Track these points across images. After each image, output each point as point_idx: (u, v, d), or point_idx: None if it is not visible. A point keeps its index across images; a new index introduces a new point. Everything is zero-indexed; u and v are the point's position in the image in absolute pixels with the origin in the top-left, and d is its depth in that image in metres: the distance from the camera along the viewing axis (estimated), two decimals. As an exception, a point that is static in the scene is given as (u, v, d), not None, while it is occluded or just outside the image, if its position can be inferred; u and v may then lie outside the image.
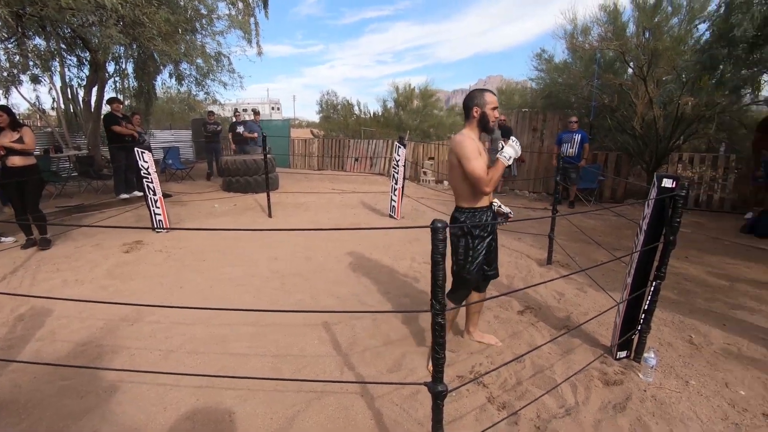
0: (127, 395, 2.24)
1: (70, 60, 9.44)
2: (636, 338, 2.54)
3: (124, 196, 7.40)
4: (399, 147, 6.23)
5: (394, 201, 6.31)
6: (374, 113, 17.60)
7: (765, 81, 6.06)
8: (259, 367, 2.52)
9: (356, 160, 12.44)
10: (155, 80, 10.27)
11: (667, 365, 2.51)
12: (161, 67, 9.47)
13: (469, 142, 2.27)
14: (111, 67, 9.65)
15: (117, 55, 9.12)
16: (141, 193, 6.38)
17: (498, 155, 2.28)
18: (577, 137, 7.19)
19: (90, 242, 5.02)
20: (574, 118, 7.36)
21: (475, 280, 2.46)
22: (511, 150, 2.26)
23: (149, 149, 8.10)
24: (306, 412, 2.11)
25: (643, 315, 2.49)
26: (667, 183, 2.25)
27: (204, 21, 8.78)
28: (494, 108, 2.32)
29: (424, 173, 10.48)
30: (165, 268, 4.21)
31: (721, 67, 4.34)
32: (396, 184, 6.25)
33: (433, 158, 10.73)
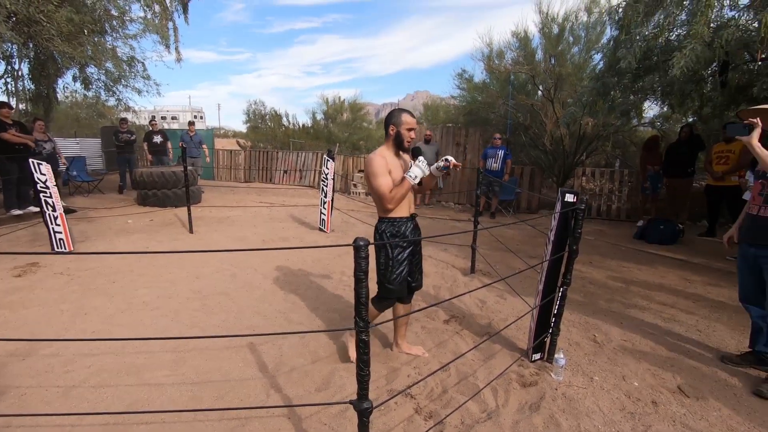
0: (15, 443, 1.97)
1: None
2: (548, 340, 2.76)
3: (17, 212, 6.54)
4: (328, 160, 6.22)
5: (324, 214, 6.28)
6: (303, 125, 17.46)
7: (647, 106, 7.01)
8: (177, 396, 2.35)
9: (285, 172, 12.20)
10: (56, 83, 9.30)
11: (575, 363, 2.75)
12: (63, 70, 8.61)
13: (378, 159, 2.35)
14: (1, 67, 8.58)
15: (8, 53, 8.13)
16: (37, 209, 5.69)
17: (405, 174, 2.33)
18: (500, 153, 7.71)
19: (-30, 267, 4.37)
20: (497, 135, 7.89)
21: (399, 290, 2.51)
22: (417, 170, 2.31)
23: (55, 159, 7.34)
24: (229, 441, 2.00)
25: (554, 319, 2.71)
26: (569, 198, 2.50)
27: (115, 23, 8.15)
28: (410, 129, 2.40)
29: (354, 186, 10.56)
30: (66, 292, 3.78)
31: (612, 93, 4.94)
32: (325, 197, 6.22)
33: (363, 171, 10.84)
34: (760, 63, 4.21)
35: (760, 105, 2.48)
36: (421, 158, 2.36)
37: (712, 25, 3.85)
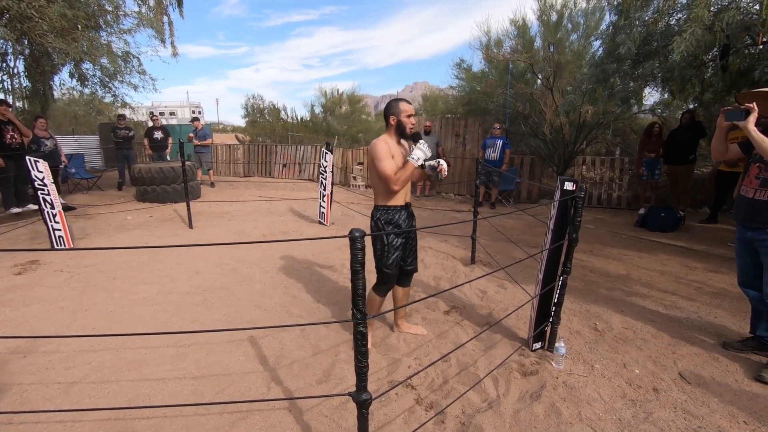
0: (17, 439, 1.97)
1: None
2: (549, 329, 2.75)
3: (16, 210, 6.54)
4: (326, 153, 6.19)
5: (323, 207, 6.26)
6: (302, 118, 17.37)
7: (647, 93, 6.95)
8: (179, 391, 2.35)
9: (284, 166, 12.16)
10: (52, 80, 9.24)
11: (576, 352, 2.74)
12: (59, 66, 8.55)
13: (382, 144, 2.45)
14: (-5, 65, 8.52)
15: (2, 50, 8.07)
16: (36, 207, 5.68)
17: (407, 158, 2.44)
18: (499, 143, 7.66)
19: (-29, 265, 4.37)
20: (497, 125, 7.84)
21: (394, 273, 2.62)
22: (419, 152, 2.42)
23: (56, 156, 7.31)
24: (230, 434, 2.00)
25: (554, 307, 2.70)
26: (569, 186, 2.47)
27: (109, 17, 8.07)
28: (409, 115, 2.50)
29: (354, 178, 10.53)
30: (66, 290, 3.78)
31: (611, 80, 4.88)
32: (324, 190, 6.20)
33: (362, 163, 10.81)
34: (761, 46, 4.16)
35: (758, 89, 2.45)
36: (421, 141, 2.45)
37: (712, 8, 3.79)
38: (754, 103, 2.28)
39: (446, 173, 2.52)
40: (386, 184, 2.45)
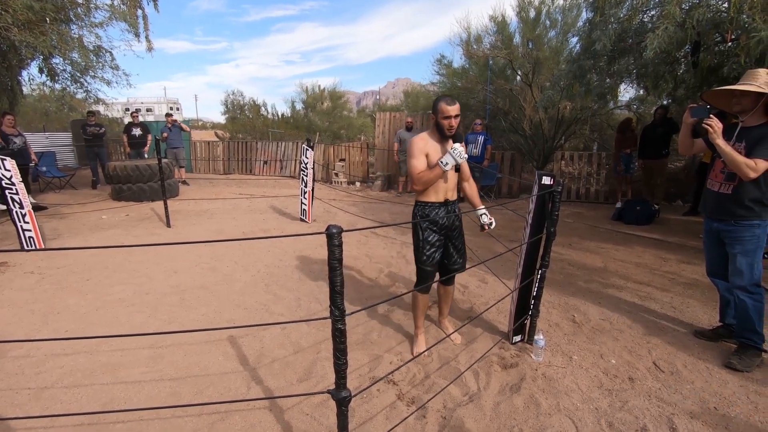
0: (-16, 448, 1.90)
1: None
2: (528, 322, 2.79)
3: (-18, 211, 6.28)
4: (306, 149, 6.13)
5: (305, 204, 6.20)
6: (283, 114, 17.16)
7: (623, 89, 7.10)
8: (156, 393, 2.30)
9: (265, 163, 12.01)
10: (20, 75, 8.87)
11: (555, 344, 2.79)
12: (27, 61, 8.21)
13: (417, 141, 2.44)
14: (-42, 59, 8.13)
15: (-36, 43, 7.70)
16: (4, 207, 5.47)
17: (438, 161, 2.37)
18: (481, 138, 7.71)
19: (-66, 269, 4.18)
20: (478, 121, 7.88)
21: (432, 271, 2.58)
22: (449, 157, 2.34)
23: (26, 154, 7.04)
24: (209, 436, 1.97)
25: (533, 301, 2.74)
26: (546, 180, 2.50)
27: (80, 10, 7.78)
28: (446, 117, 2.37)
29: (336, 175, 10.46)
30: (37, 292, 3.65)
31: (588, 76, 4.96)
32: (306, 187, 6.14)
33: (344, 160, 10.74)
34: (729, 44, 4.28)
35: (721, 87, 2.52)
36: (456, 146, 2.35)
37: (683, 5, 3.87)
38: (715, 121, 2.32)
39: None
40: (411, 180, 2.48)
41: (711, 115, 2.33)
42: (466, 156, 2.41)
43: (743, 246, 2.43)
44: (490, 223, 2.68)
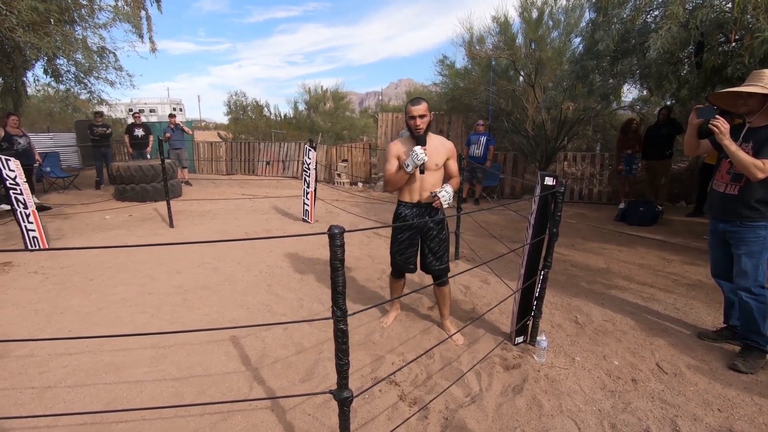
0: (-13, 447, 1.91)
1: None
2: (531, 323, 2.78)
3: (-13, 211, 6.32)
4: (309, 150, 6.14)
5: (307, 205, 6.21)
6: (285, 115, 17.19)
7: (626, 90, 7.07)
8: (158, 393, 2.31)
9: (268, 163, 12.03)
10: (25, 76, 8.92)
11: (558, 345, 2.78)
12: (31, 61, 8.25)
13: (391, 145, 2.65)
14: (-37, 60, 8.18)
15: (-31, 45, 7.75)
16: (8, 207, 5.50)
17: (403, 164, 2.55)
18: (483, 139, 7.70)
19: (-61, 268, 4.21)
20: (481, 121, 7.87)
21: (398, 263, 2.83)
22: (409, 159, 2.49)
23: (30, 154, 7.08)
24: (211, 436, 1.97)
25: (535, 301, 2.73)
26: (549, 181, 2.50)
27: (84, 11, 7.81)
28: (410, 117, 2.51)
29: (338, 176, 10.46)
30: (41, 292, 3.67)
31: (591, 76, 4.95)
32: (308, 187, 6.15)
33: (346, 160, 10.75)
34: (733, 44, 4.25)
35: (728, 88, 2.50)
36: (415, 149, 2.46)
37: (687, 6, 3.85)
38: (722, 121, 2.31)
39: (446, 205, 2.55)
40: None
41: (717, 116, 2.32)
42: (426, 158, 2.46)
43: (748, 247, 2.42)
44: (447, 199, 2.53)
